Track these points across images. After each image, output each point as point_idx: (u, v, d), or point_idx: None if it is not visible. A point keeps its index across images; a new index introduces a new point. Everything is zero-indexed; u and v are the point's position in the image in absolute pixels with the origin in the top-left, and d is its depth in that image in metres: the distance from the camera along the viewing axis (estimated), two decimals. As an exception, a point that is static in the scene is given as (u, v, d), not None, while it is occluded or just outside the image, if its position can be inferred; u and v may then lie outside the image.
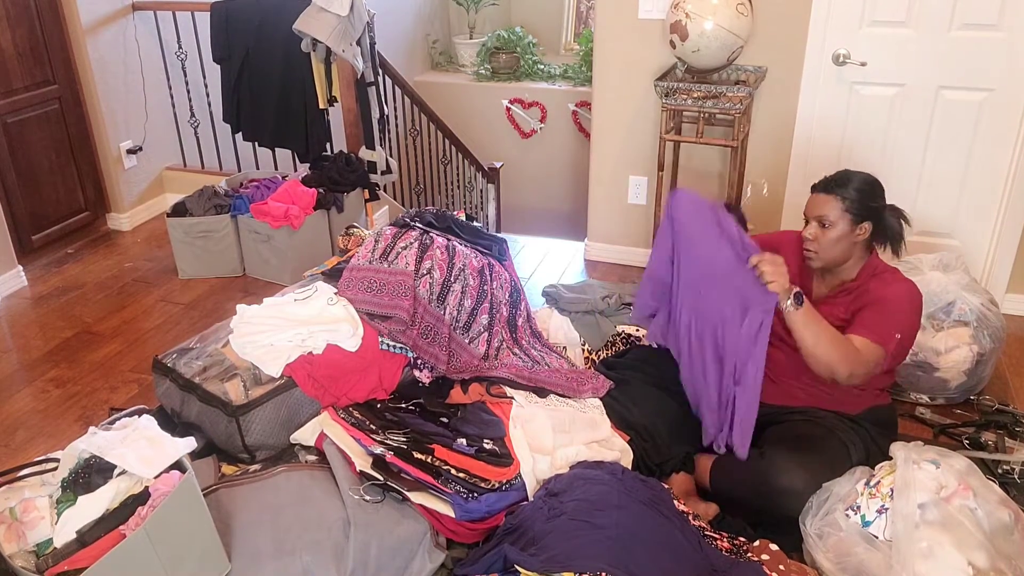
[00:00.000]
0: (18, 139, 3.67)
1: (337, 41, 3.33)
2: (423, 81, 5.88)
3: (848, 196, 2.08)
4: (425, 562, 1.96)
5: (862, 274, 2.17)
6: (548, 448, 2.20)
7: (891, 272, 2.18)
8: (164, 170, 4.39)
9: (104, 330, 3.23)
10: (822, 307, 2.14)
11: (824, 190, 2.11)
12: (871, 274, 2.16)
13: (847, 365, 1.98)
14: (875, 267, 2.18)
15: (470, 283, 2.71)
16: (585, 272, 3.66)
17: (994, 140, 2.98)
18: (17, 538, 1.71)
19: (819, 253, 2.13)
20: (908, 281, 2.15)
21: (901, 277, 2.17)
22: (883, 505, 1.85)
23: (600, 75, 3.44)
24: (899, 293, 2.10)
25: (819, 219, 2.10)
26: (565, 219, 5.48)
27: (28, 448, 2.54)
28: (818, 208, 2.11)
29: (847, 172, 2.14)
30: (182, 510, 1.73)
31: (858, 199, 2.08)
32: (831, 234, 2.09)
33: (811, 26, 3.04)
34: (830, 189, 2.10)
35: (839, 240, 2.10)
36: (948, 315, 2.56)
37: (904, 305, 2.10)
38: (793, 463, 2.01)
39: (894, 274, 2.17)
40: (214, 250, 3.58)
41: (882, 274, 2.16)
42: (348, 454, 2.13)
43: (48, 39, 3.74)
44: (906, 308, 2.10)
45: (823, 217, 2.09)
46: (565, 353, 2.76)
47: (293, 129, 3.80)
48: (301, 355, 2.38)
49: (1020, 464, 2.27)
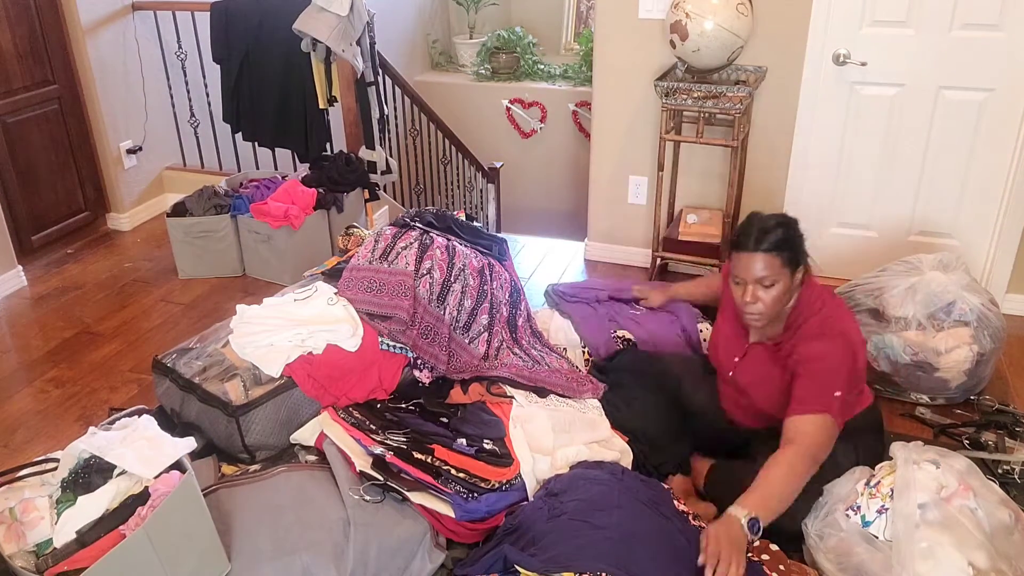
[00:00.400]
0: (18, 139, 3.67)
1: (337, 41, 3.33)
2: (423, 81, 5.87)
3: (780, 247, 1.90)
4: (425, 562, 1.96)
5: (787, 329, 2.03)
6: (548, 448, 2.20)
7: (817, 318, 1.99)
8: (164, 170, 4.39)
9: (104, 330, 3.23)
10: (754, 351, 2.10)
11: (757, 249, 1.91)
12: (793, 330, 2.02)
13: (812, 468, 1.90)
14: (798, 317, 2.02)
15: (470, 283, 2.70)
16: (585, 272, 3.66)
17: (994, 140, 2.98)
18: (17, 538, 1.71)
19: (766, 312, 1.97)
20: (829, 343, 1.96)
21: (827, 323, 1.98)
22: (883, 505, 1.85)
23: (600, 75, 3.44)
24: (823, 352, 1.94)
25: (759, 281, 1.93)
26: (565, 219, 5.47)
27: (28, 448, 2.54)
28: (756, 271, 1.92)
29: (763, 221, 1.94)
30: (182, 510, 1.73)
31: (789, 247, 1.92)
32: (774, 292, 1.93)
33: (811, 26, 3.04)
34: (764, 248, 1.91)
35: (784, 293, 1.95)
36: (948, 315, 2.56)
37: (832, 362, 1.94)
38: None
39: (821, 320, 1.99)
40: (214, 250, 3.58)
41: (802, 329, 2.00)
42: (348, 454, 2.13)
43: (48, 39, 3.74)
44: (835, 364, 1.94)
45: (764, 279, 1.92)
46: (565, 354, 2.76)
47: (293, 129, 3.80)
48: (301, 355, 2.38)
49: (1020, 464, 2.27)
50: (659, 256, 3.36)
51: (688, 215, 3.34)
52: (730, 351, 2.18)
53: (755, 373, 2.12)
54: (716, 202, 3.43)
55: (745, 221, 1.98)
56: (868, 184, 3.20)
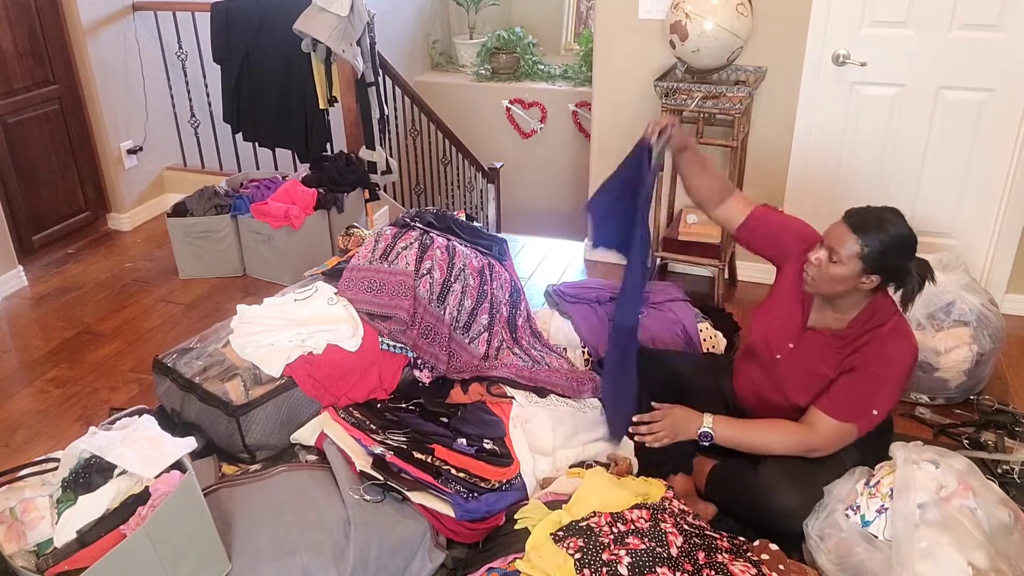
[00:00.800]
0: (18, 139, 3.67)
1: (337, 41, 3.33)
2: (423, 81, 5.88)
3: (870, 245, 1.84)
4: (425, 562, 1.96)
5: (854, 324, 1.99)
6: (548, 448, 2.21)
7: (892, 329, 1.95)
8: (164, 170, 4.39)
9: (104, 330, 3.23)
10: (809, 336, 2.05)
11: (851, 226, 1.87)
12: (866, 328, 1.97)
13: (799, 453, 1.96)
14: (872, 316, 1.97)
15: (470, 283, 2.71)
16: (585, 272, 3.66)
17: (994, 140, 2.98)
18: (17, 538, 1.72)
19: (816, 281, 1.94)
20: (906, 344, 1.95)
21: (899, 336, 1.95)
22: (883, 505, 1.85)
23: (600, 75, 3.44)
24: (891, 362, 1.93)
25: (831, 250, 1.90)
26: (565, 219, 5.47)
27: (28, 448, 2.54)
28: (835, 240, 1.89)
29: (886, 217, 1.87)
30: (182, 510, 1.73)
31: (879, 252, 1.85)
32: (834, 271, 1.89)
33: (811, 26, 3.04)
34: (856, 228, 1.86)
35: (841, 280, 1.90)
36: (948, 315, 2.56)
37: (895, 380, 1.94)
38: (788, 483, 1.98)
39: (895, 332, 1.95)
40: (214, 250, 3.58)
41: (878, 329, 1.96)
42: (348, 454, 2.13)
43: (48, 39, 3.74)
44: (894, 379, 1.94)
45: (835, 251, 1.88)
46: (565, 354, 2.76)
47: (293, 129, 3.81)
48: (301, 355, 2.38)
49: (1020, 464, 2.27)
50: (659, 256, 3.36)
51: (688, 215, 3.34)
52: (784, 334, 2.10)
53: (804, 363, 2.05)
54: (716, 202, 3.43)
55: (877, 207, 1.92)
56: (868, 184, 3.20)
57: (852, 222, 1.89)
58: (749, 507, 2.05)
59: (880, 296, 1.98)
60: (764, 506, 2.00)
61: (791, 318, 2.10)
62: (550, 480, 2.13)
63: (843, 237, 1.88)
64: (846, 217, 1.91)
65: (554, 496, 2.03)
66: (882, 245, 1.85)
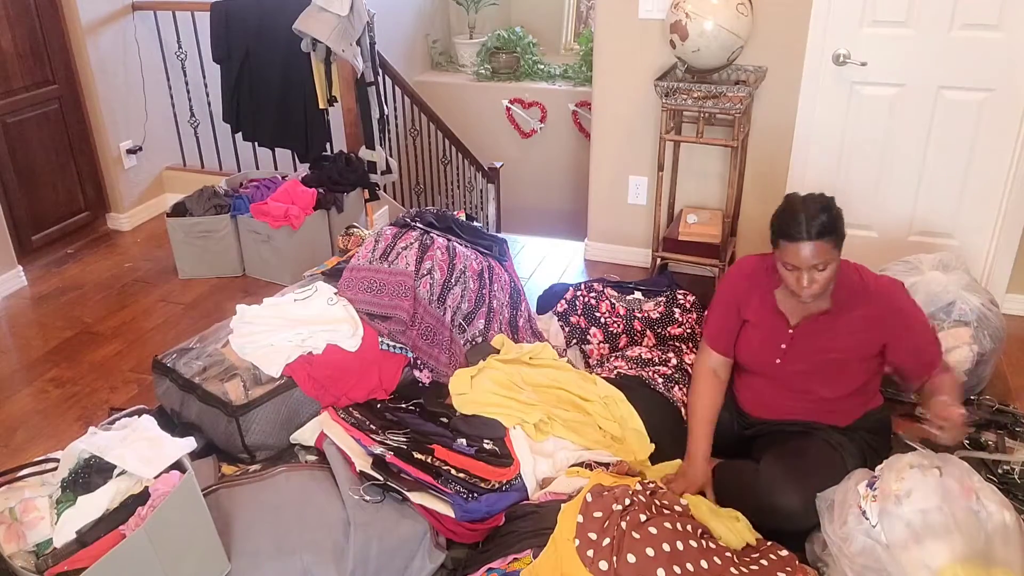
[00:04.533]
0: (18, 139, 3.67)
1: (337, 41, 3.33)
2: (423, 81, 5.87)
3: (832, 232, 1.91)
4: (425, 562, 1.96)
5: (836, 297, 2.05)
6: (548, 449, 2.20)
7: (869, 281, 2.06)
8: (164, 170, 4.39)
9: (104, 330, 3.23)
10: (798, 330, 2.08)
11: (810, 237, 1.89)
12: (851, 294, 2.04)
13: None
14: (848, 283, 2.05)
15: (470, 286, 2.71)
16: (585, 272, 3.66)
17: (994, 140, 2.98)
18: (17, 538, 1.71)
19: (822, 291, 1.97)
20: (888, 284, 2.09)
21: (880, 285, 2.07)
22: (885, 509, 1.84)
23: (600, 75, 3.44)
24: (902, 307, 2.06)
25: (813, 267, 1.92)
26: (565, 219, 5.47)
27: (28, 448, 2.54)
28: (815, 257, 1.91)
29: (805, 205, 1.92)
30: (182, 510, 1.73)
31: (837, 228, 1.92)
32: (828, 273, 1.94)
33: (811, 26, 3.04)
34: (815, 234, 1.89)
35: (835, 272, 1.97)
36: (948, 315, 2.56)
37: (911, 309, 2.07)
38: (790, 483, 1.99)
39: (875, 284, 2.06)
40: (214, 250, 3.58)
41: (863, 291, 2.05)
42: (348, 454, 2.13)
43: (48, 39, 3.74)
44: (914, 310, 2.08)
45: (818, 264, 1.92)
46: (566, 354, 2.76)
47: (293, 129, 3.81)
48: (301, 355, 2.38)
49: (1020, 464, 2.27)
50: (659, 256, 3.36)
51: (688, 215, 3.34)
52: (772, 347, 2.13)
53: (812, 352, 2.08)
54: (716, 202, 3.43)
55: (787, 208, 1.94)
56: (868, 184, 3.20)
57: (816, 234, 1.89)
58: (751, 506, 2.04)
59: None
60: (766, 506, 2.00)
61: (772, 329, 2.13)
62: (550, 480, 2.13)
63: (820, 250, 1.90)
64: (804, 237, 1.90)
65: (553, 496, 2.03)
66: (831, 221, 1.91)
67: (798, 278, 1.95)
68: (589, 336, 2.83)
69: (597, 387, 2.39)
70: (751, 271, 2.17)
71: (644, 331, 2.82)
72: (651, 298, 2.91)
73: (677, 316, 2.83)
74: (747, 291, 2.16)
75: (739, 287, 2.19)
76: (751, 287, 2.15)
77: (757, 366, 2.19)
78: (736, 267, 2.25)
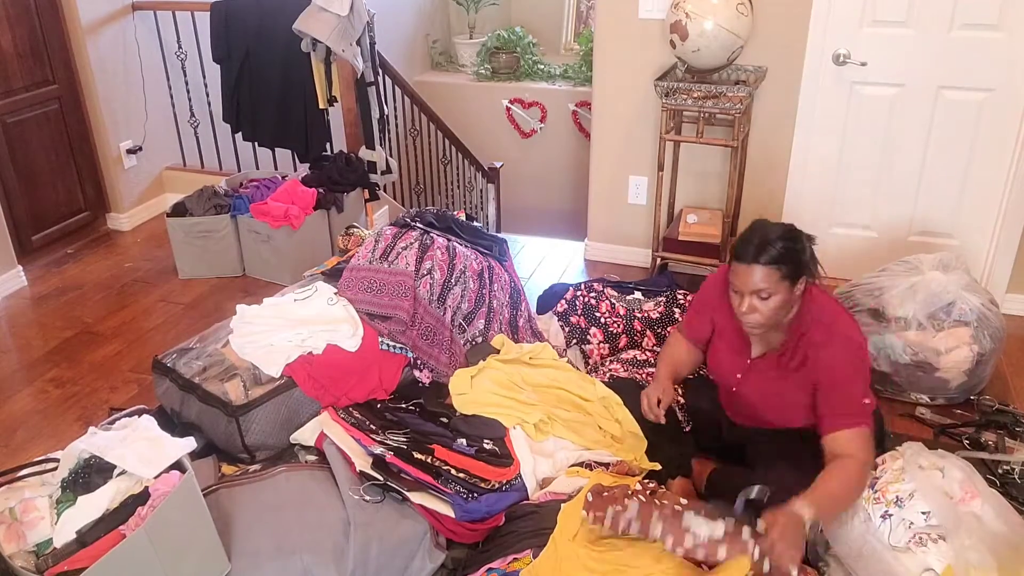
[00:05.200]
0: (18, 139, 3.67)
1: (337, 41, 3.33)
2: (423, 81, 5.87)
3: (782, 262, 1.85)
4: (425, 562, 1.96)
5: (787, 338, 2.00)
6: (549, 449, 2.20)
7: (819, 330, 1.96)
8: (164, 170, 4.39)
9: (104, 330, 3.23)
10: (757, 366, 2.07)
11: (755, 261, 1.86)
12: (797, 338, 1.98)
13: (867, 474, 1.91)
14: (799, 326, 1.98)
15: (470, 286, 2.71)
16: (585, 272, 3.66)
17: (994, 140, 2.98)
18: (17, 538, 1.71)
19: (765, 322, 1.93)
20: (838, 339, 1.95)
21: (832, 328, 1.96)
22: (887, 511, 1.84)
23: (600, 75, 3.44)
24: (837, 358, 1.93)
25: (756, 292, 1.88)
26: (565, 219, 5.47)
27: (28, 448, 2.54)
28: (753, 283, 1.87)
29: (764, 230, 1.89)
30: (182, 510, 1.73)
31: (790, 260, 1.86)
32: (773, 303, 1.88)
33: (811, 26, 3.04)
34: (763, 260, 1.85)
35: (782, 306, 1.90)
36: (948, 315, 2.56)
37: (849, 368, 1.93)
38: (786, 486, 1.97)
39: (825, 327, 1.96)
40: (214, 250, 3.58)
41: (807, 336, 1.97)
42: (348, 454, 2.13)
43: (48, 39, 3.74)
44: (853, 370, 1.93)
45: (761, 291, 1.88)
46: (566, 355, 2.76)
47: (293, 129, 3.80)
48: (301, 355, 2.38)
49: (1020, 464, 2.27)
50: (659, 256, 3.36)
51: (688, 215, 3.34)
52: (732, 368, 2.14)
53: (761, 389, 2.08)
54: (716, 202, 3.43)
55: (748, 230, 1.93)
56: (868, 184, 3.20)
57: (753, 258, 1.86)
58: None
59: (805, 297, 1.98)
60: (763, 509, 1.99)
61: (737, 351, 2.12)
62: (550, 480, 2.13)
63: (758, 275, 1.86)
64: (741, 258, 1.89)
65: (553, 496, 2.03)
66: (788, 253, 1.85)
67: (740, 302, 1.92)
68: (589, 336, 2.83)
69: (596, 388, 2.40)
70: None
71: (644, 331, 2.82)
72: (651, 298, 2.92)
73: (677, 316, 2.84)
74: (719, 297, 2.12)
75: (715, 290, 2.16)
76: (724, 294, 2.08)
77: (722, 383, 2.21)
78: (719, 271, 2.20)
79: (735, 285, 1.93)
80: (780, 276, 1.86)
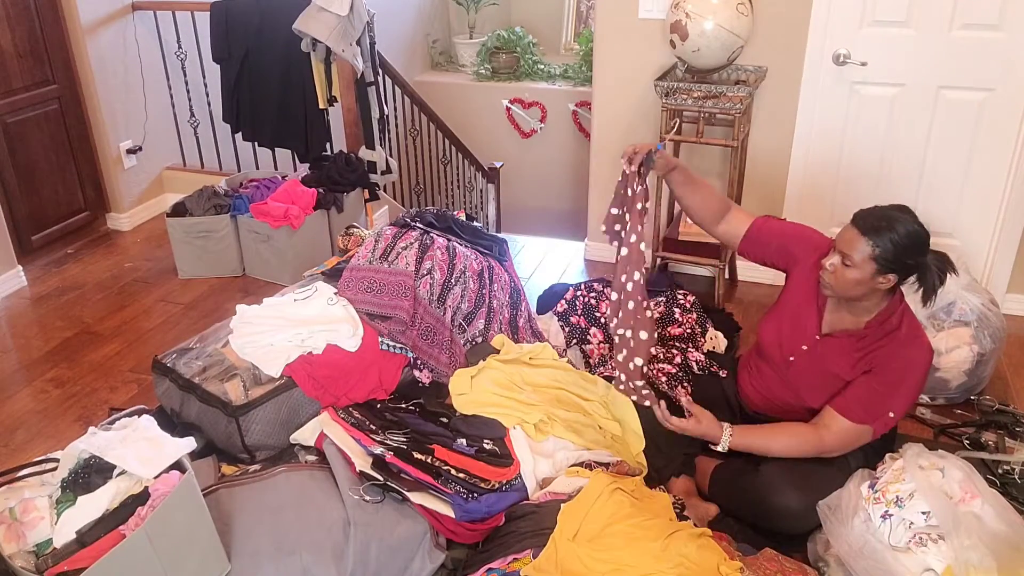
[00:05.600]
0: (18, 139, 3.67)
1: (337, 41, 3.33)
2: (423, 81, 5.87)
3: (881, 245, 1.85)
4: (425, 562, 1.96)
5: (871, 325, 1.99)
6: (549, 449, 2.20)
7: (908, 329, 1.98)
8: (164, 170, 4.39)
9: (104, 330, 3.23)
10: (824, 339, 2.05)
11: (860, 229, 1.88)
12: (884, 330, 1.98)
13: (815, 449, 1.98)
14: (889, 319, 1.98)
15: (470, 286, 2.71)
16: (585, 272, 3.65)
17: (994, 140, 2.98)
18: (17, 538, 1.71)
19: (834, 287, 1.96)
20: (923, 348, 1.97)
21: (915, 338, 1.97)
22: (887, 511, 1.84)
23: (600, 75, 3.44)
24: (909, 366, 1.95)
25: (843, 255, 1.90)
26: (565, 219, 5.47)
27: (28, 448, 2.54)
28: (846, 245, 1.89)
29: (894, 216, 1.88)
30: (182, 510, 1.73)
31: (892, 252, 1.85)
32: (850, 274, 1.90)
33: (811, 26, 3.03)
34: (866, 231, 1.87)
35: (858, 283, 1.91)
36: (948, 315, 2.56)
37: (912, 379, 1.96)
38: (789, 484, 1.98)
39: (911, 335, 1.98)
40: (214, 250, 3.58)
41: (896, 332, 1.97)
42: (348, 454, 2.13)
43: (48, 39, 3.74)
44: (912, 382, 1.97)
45: (848, 256, 1.89)
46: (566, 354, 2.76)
47: (293, 129, 3.80)
48: (301, 355, 2.38)
49: (1020, 464, 2.27)
50: (659, 256, 3.36)
51: (688, 215, 3.34)
52: (797, 337, 2.10)
53: (820, 365, 2.05)
54: (716, 202, 3.42)
55: (885, 207, 1.93)
56: (868, 184, 3.19)
57: (861, 225, 1.89)
58: (751, 508, 2.05)
59: (897, 296, 1.99)
60: (766, 506, 2.00)
61: (804, 322, 2.10)
62: (550, 480, 2.13)
63: (853, 241, 1.89)
64: (855, 220, 1.92)
65: (553, 496, 2.03)
66: (893, 244, 1.85)
67: (830, 256, 1.95)
68: (589, 336, 2.83)
69: (597, 387, 2.39)
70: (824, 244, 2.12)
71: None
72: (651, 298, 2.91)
73: (677, 316, 2.84)
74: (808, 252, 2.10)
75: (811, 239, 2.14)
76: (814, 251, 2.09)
77: (775, 354, 2.16)
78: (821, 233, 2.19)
79: (836, 241, 1.95)
80: (871, 255, 1.87)
